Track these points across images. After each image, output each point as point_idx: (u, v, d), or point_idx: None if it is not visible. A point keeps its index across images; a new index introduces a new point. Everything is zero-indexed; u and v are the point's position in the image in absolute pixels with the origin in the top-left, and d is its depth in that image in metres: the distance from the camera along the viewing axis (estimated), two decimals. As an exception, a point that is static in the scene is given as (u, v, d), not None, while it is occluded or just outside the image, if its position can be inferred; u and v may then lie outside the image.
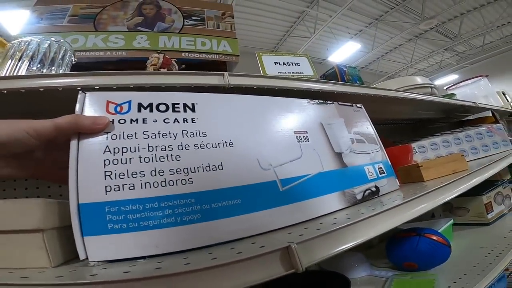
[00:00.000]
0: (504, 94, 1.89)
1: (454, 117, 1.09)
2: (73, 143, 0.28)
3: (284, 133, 0.39)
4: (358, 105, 0.57)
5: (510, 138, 1.00)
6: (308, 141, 0.41)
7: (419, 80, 0.90)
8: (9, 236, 0.25)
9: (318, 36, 4.60)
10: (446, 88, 1.65)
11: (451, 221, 0.76)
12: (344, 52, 5.08)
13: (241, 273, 0.24)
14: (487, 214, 0.85)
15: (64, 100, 0.33)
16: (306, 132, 0.41)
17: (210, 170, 0.31)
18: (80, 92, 0.31)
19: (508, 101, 1.76)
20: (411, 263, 0.61)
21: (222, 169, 0.32)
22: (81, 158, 0.27)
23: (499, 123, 0.99)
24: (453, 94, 1.31)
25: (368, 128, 0.54)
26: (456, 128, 0.92)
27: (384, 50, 5.61)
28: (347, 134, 0.47)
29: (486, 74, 1.97)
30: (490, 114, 1.01)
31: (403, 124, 1.22)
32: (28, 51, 0.43)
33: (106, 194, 0.27)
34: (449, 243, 0.61)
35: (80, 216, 0.25)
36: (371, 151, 0.48)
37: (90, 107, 0.30)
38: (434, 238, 0.60)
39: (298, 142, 0.40)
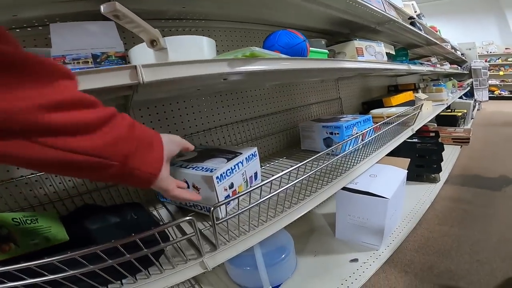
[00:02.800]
0: (414, 8, 2.17)
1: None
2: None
3: None
4: None
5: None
6: None
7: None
8: None
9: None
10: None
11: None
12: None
13: (104, 78, 0.35)
14: (358, 57, 1.06)
15: None
16: None
17: None
18: None
19: (414, 12, 2.04)
20: (277, 51, 0.77)
21: None
22: None
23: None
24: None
25: None
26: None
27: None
28: None
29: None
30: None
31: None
32: None
33: None
34: (305, 39, 0.78)
35: None
36: None
37: None
38: (293, 31, 0.77)
39: None
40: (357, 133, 0.82)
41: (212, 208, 0.44)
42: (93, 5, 0.61)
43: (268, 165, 0.98)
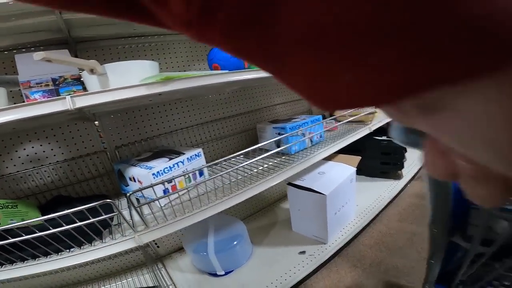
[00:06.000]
0: None
1: None
2: None
3: None
4: None
5: None
6: None
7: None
8: None
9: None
10: None
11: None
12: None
13: (45, 107, 0.49)
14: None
15: None
16: None
17: None
18: None
19: None
20: (216, 64, 0.89)
21: None
22: None
23: None
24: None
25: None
26: None
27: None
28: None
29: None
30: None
31: None
32: None
33: None
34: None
35: None
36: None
37: None
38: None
39: None
40: (291, 133, 0.95)
41: (128, 194, 0.58)
42: (54, 33, 0.78)
43: (225, 163, 1.11)
